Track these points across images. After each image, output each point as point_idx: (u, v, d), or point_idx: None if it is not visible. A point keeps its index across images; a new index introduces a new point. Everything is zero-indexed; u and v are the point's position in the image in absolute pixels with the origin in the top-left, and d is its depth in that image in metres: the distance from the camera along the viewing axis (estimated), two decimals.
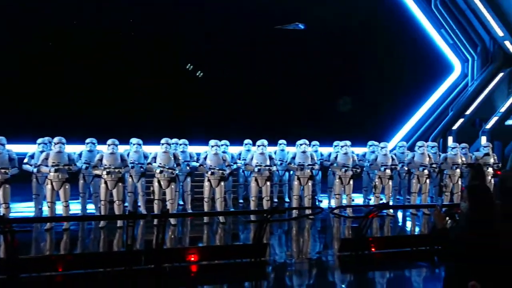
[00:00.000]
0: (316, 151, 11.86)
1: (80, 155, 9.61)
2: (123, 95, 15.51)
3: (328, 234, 9.16)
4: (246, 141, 11.50)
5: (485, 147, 11.74)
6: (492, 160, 11.40)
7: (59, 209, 8.63)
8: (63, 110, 14.53)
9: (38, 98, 14.59)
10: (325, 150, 12.02)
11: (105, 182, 8.63)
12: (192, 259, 6.20)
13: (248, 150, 11.15)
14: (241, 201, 11.81)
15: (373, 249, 7.12)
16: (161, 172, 8.82)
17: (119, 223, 8.66)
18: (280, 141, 11.89)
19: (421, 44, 20.10)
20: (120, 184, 8.74)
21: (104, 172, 8.54)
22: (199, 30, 16.39)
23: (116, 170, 8.59)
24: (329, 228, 9.67)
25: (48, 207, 8.54)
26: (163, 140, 9.13)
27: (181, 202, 10.84)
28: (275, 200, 11.97)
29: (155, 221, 7.65)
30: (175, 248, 6.99)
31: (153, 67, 16.01)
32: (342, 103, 16.20)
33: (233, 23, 16.77)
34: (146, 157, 9.69)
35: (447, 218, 4.56)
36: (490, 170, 11.15)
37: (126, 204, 10.01)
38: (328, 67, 17.96)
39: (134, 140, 9.81)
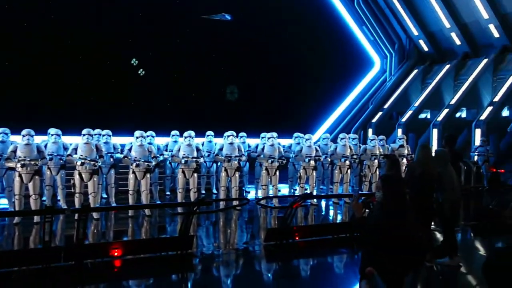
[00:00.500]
0: (243, 142, 11.98)
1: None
2: (43, 82, 14.57)
3: (255, 225, 9.32)
4: (173, 132, 11.33)
5: (400, 139, 12.54)
6: (406, 151, 12.21)
7: None
8: (22, 100, 13.59)
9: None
10: (253, 142, 12.20)
11: (20, 175, 8.08)
12: (116, 254, 6.01)
13: (175, 142, 11.00)
14: (168, 193, 11.63)
15: (297, 238, 7.35)
16: (82, 164, 8.42)
17: (36, 218, 8.18)
18: (208, 133, 11.89)
19: (344, 40, 20.92)
20: (36, 177, 8.22)
21: (18, 165, 7.99)
22: (123, 18, 15.75)
23: (32, 162, 8.06)
24: (256, 218, 9.83)
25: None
26: (84, 131, 8.70)
27: (105, 195, 10.46)
28: (203, 191, 11.94)
29: (76, 216, 7.32)
30: (97, 243, 6.74)
31: (76, 56, 15.15)
32: (229, 91, 16.13)
33: (160, 13, 16.36)
34: (66, 148, 9.20)
35: (364, 207, 4.84)
36: (404, 160, 11.94)
37: (44, 198, 9.48)
38: (255, 60, 18.16)
39: (52, 131, 9.27)
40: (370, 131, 19.19)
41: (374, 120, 19.47)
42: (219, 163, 11.04)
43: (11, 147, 8.26)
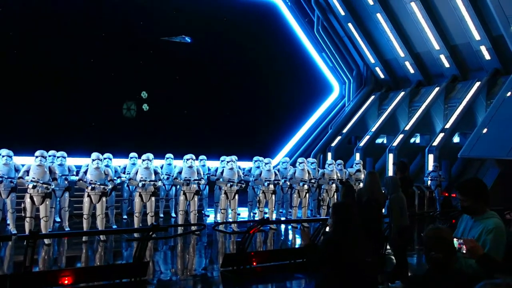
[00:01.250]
0: (203, 165, 11.97)
1: None
2: None
3: (213, 250, 9.23)
4: (131, 154, 11.18)
5: (357, 163, 12.87)
6: (362, 176, 12.51)
7: None
8: None
9: None
10: (213, 165, 12.18)
11: None
12: (66, 282, 5.79)
13: (134, 164, 10.85)
14: (125, 216, 11.38)
15: (254, 263, 7.33)
16: (34, 187, 8.14)
17: None
18: (167, 155, 11.80)
19: (304, 65, 21.43)
20: None
21: None
22: (81, 37, 15.53)
23: None
24: (214, 243, 9.74)
25: None
26: (37, 152, 8.45)
27: (58, 219, 10.12)
28: (161, 215, 11.76)
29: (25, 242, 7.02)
30: (46, 271, 6.47)
31: (28, 72, 14.72)
32: (126, 108, 15.77)
33: (121, 33, 16.27)
34: (17, 170, 8.89)
35: (317, 234, 4.94)
36: (361, 185, 12.22)
37: None
38: (216, 83, 18.32)
39: (3, 151, 8.95)
40: (329, 155, 19.54)
41: (333, 144, 19.86)
42: (178, 186, 10.93)
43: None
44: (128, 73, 16.39)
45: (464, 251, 3.08)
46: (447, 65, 18.29)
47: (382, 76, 21.16)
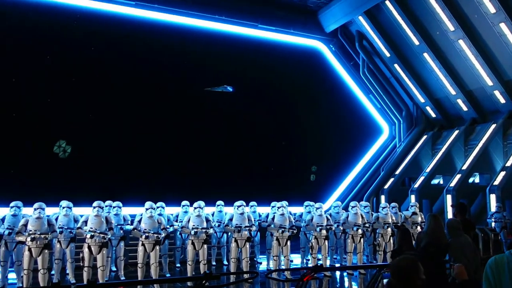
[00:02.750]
0: (254, 211, 11.94)
1: (3, 219, 9.00)
2: (53, 154, 14.86)
3: None
4: (183, 202, 11.35)
5: (412, 206, 12.37)
6: (419, 219, 11.98)
7: None
8: (35, 174, 13.82)
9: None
10: (264, 211, 12.12)
11: (29, 249, 8.05)
12: None
13: (186, 212, 11.00)
14: (178, 265, 11.42)
15: None
16: (92, 237, 8.40)
17: None
18: (218, 202, 11.88)
19: (352, 108, 21.37)
20: (46, 251, 8.19)
21: (29, 239, 8.00)
22: (129, 88, 16.35)
23: (42, 236, 8.07)
24: None
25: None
26: (95, 203, 8.80)
27: (114, 268, 10.31)
28: (213, 263, 11.71)
29: None
30: None
31: (83, 127, 15.52)
32: (57, 146, 15.26)
33: (164, 83, 16.94)
34: (76, 221, 9.24)
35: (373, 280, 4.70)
36: (419, 228, 11.68)
37: (52, 272, 9.36)
38: (264, 130, 18.54)
39: (63, 203, 9.38)
40: (382, 197, 18.98)
41: (386, 187, 19.30)
42: (229, 234, 10.91)
43: (22, 220, 8.33)
44: (174, 124, 16.91)
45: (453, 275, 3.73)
46: (502, 101, 17.60)
47: (433, 115, 20.64)
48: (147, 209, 9.12)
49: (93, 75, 15.79)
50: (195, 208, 9.68)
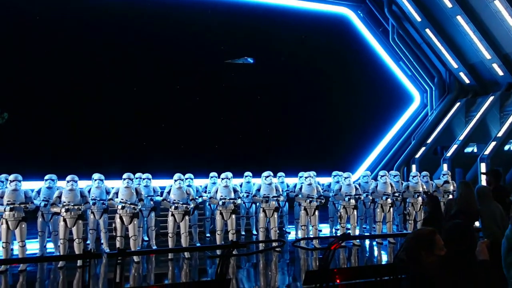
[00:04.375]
0: (282, 182, 11.95)
1: (38, 192, 9.31)
2: (86, 128, 15.22)
3: (296, 267, 9.08)
4: (212, 174, 11.46)
5: (444, 175, 12.11)
6: (452, 188, 11.72)
7: (16, 249, 8.27)
8: (21, 144, 14.11)
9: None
10: (292, 181, 12.11)
11: (64, 220, 8.34)
12: None
13: (214, 183, 11.10)
14: (208, 234, 11.63)
15: (338, 281, 7.07)
16: (123, 208, 8.62)
17: (79, 262, 8.34)
18: (246, 173, 11.91)
19: (381, 76, 20.81)
20: (80, 221, 8.46)
21: (63, 210, 8.27)
22: (150, 62, 16.40)
23: (76, 207, 8.33)
24: (296, 260, 9.59)
25: (3, 247, 8.16)
26: (125, 175, 8.97)
27: (146, 238, 10.59)
28: (243, 233, 11.86)
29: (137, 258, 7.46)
30: (137, 287, 6.76)
31: (114, 100, 15.75)
32: None
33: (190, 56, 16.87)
34: (108, 192, 9.48)
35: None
36: (451, 196, 11.44)
37: (88, 242, 9.70)
38: (291, 99, 18.37)
39: (96, 176, 9.61)
40: (413, 167, 18.63)
41: (417, 156, 18.92)
42: (257, 204, 10.99)
43: (56, 192, 8.60)
44: (205, 97, 16.96)
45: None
46: None
47: (467, 81, 19.88)
48: (175, 181, 9.25)
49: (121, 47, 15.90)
50: (222, 179, 9.75)
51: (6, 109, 12.60)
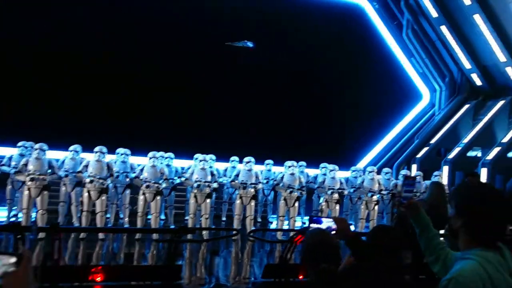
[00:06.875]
0: (269, 170, 11.58)
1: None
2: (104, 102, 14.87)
3: (258, 258, 8.71)
4: (233, 158, 11.19)
5: (435, 176, 11.61)
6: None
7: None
8: (48, 114, 13.81)
9: (23, 100, 13.92)
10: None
11: (29, 189, 8.11)
12: (98, 279, 5.71)
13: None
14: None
15: (300, 277, 6.71)
16: (91, 182, 8.35)
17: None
18: (232, 158, 11.54)
19: (391, 71, 20.13)
20: (45, 192, 8.25)
21: (28, 178, 8.05)
22: (147, 46, 15.93)
23: (41, 177, 8.10)
24: (262, 252, 9.18)
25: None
26: (97, 148, 8.68)
27: (122, 215, 10.35)
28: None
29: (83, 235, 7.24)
30: (75, 266, 6.49)
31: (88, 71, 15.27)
32: None
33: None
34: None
35: None
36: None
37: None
38: (301, 90, 17.72)
39: (71, 147, 9.37)
40: (414, 166, 18.08)
41: (419, 156, 18.35)
42: (236, 191, 10.52)
43: (23, 160, 8.37)
44: (213, 83, 16.44)
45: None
46: None
47: (479, 83, 19.12)
48: (150, 158, 8.94)
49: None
50: (200, 160, 9.39)
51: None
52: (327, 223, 2.78)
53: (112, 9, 15.49)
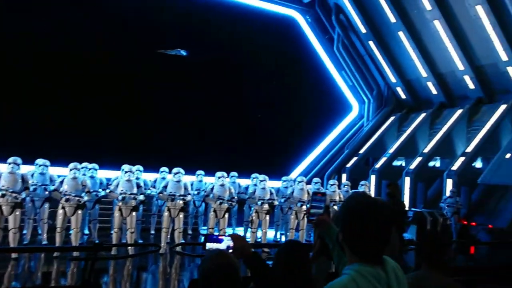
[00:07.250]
0: (200, 181, 11.39)
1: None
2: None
3: (184, 273, 8.50)
4: (162, 168, 10.83)
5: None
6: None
7: None
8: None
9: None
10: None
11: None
12: None
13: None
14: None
15: None
16: (3, 196, 7.73)
17: None
18: (162, 169, 11.25)
19: (323, 83, 20.72)
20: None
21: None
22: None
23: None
24: (184, 266, 8.97)
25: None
26: (10, 159, 8.06)
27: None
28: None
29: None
30: None
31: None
32: None
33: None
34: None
35: None
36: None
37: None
38: (228, 100, 17.65)
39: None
40: (344, 176, 18.64)
41: (348, 165, 18.96)
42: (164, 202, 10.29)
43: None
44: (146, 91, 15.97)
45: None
46: (471, 86, 17.20)
47: (403, 96, 20.20)
48: (71, 170, 8.45)
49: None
50: (125, 172, 9.04)
51: None
52: (227, 241, 2.63)
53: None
